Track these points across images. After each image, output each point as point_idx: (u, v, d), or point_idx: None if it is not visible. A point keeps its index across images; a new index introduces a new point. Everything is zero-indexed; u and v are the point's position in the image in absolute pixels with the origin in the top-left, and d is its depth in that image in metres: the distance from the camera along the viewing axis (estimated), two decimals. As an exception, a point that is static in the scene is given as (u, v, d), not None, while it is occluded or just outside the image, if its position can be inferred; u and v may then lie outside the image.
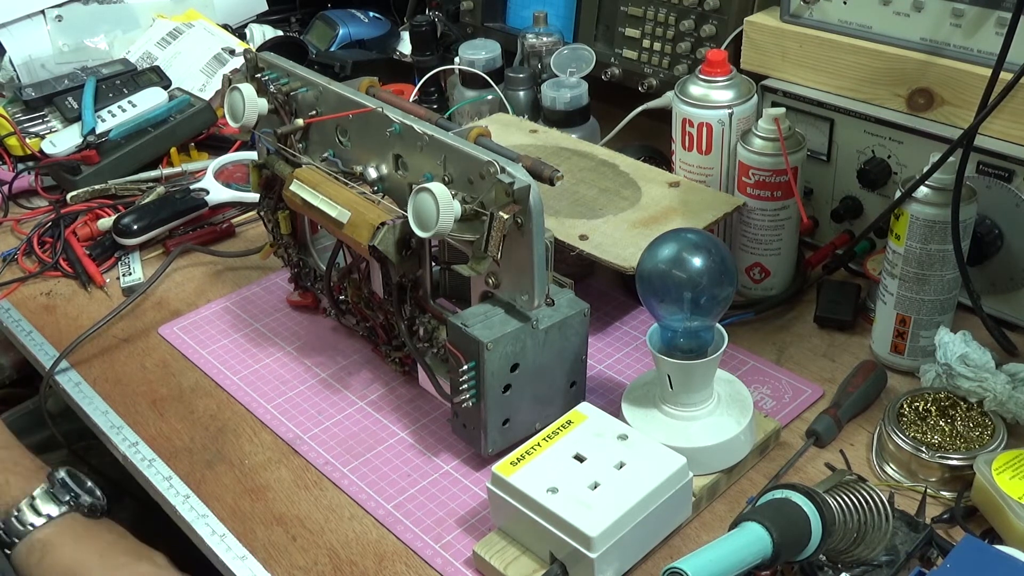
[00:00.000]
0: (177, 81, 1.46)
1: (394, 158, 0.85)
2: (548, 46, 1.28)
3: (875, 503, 0.69)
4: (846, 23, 1.01)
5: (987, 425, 0.81)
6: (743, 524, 0.66)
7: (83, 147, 1.31)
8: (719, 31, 1.16)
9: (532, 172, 0.76)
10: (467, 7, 1.44)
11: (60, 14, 1.53)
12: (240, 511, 0.84)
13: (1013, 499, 0.73)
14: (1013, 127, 0.90)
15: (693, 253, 0.77)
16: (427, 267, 0.86)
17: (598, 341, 1.00)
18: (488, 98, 1.28)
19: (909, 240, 0.87)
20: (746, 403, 0.83)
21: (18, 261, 1.20)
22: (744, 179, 1.00)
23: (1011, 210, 0.93)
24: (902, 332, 0.91)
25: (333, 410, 0.94)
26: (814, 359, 0.97)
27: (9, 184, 1.32)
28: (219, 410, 0.96)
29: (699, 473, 0.79)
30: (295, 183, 0.88)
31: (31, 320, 1.10)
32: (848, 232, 1.06)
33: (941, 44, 0.94)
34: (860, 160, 1.03)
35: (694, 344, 0.80)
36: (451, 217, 0.75)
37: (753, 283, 1.04)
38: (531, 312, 0.79)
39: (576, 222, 0.99)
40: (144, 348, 1.05)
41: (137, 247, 1.19)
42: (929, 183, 0.86)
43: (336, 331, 1.04)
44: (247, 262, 1.17)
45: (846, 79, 1.01)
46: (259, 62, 0.96)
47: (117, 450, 0.92)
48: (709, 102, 1.01)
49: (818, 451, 0.85)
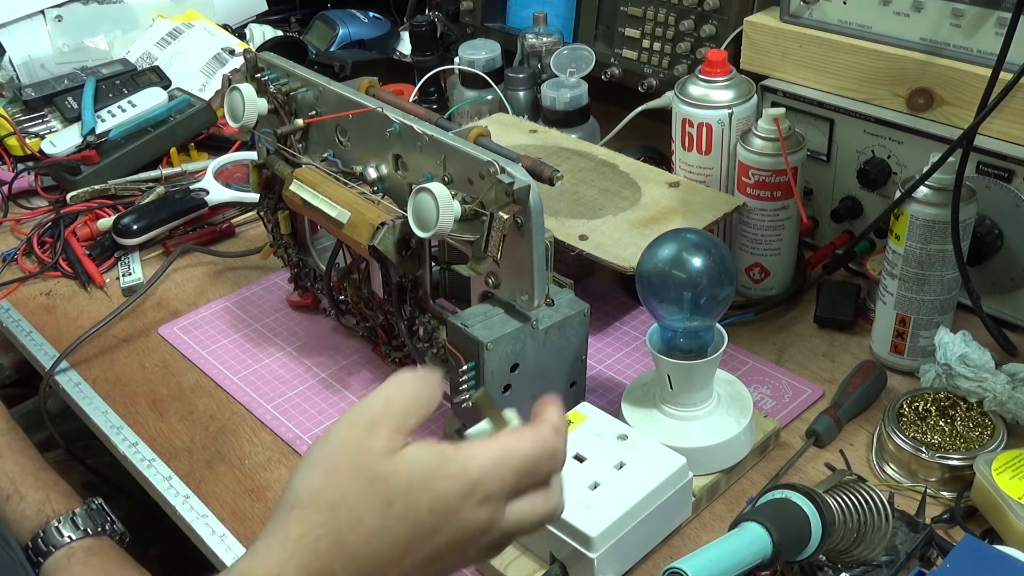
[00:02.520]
0: (177, 81, 1.46)
1: (394, 158, 0.85)
2: (548, 46, 1.28)
3: (875, 503, 0.69)
4: (846, 23, 1.01)
5: (987, 425, 0.81)
6: (743, 524, 0.66)
7: (83, 147, 1.31)
8: (719, 31, 1.16)
9: (532, 172, 0.76)
10: (467, 7, 1.44)
11: (60, 14, 1.52)
12: (240, 511, 0.84)
13: (1013, 499, 0.73)
14: (1013, 127, 0.90)
15: (693, 253, 0.77)
16: (427, 267, 0.86)
17: (598, 341, 1.00)
18: (488, 98, 1.28)
19: (909, 240, 0.87)
20: (746, 403, 0.83)
21: (18, 261, 1.20)
22: (744, 179, 1.00)
23: (1011, 210, 0.93)
24: (902, 332, 0.91)
25: (333, 410, 0.94)
26: (814, 359, 0.97)
27: (9, 184, 1.32)
28: (219, 410, 0.96)
29: (699, 473, 0.79)
30: (295, 183, 0.88)
31: (31, 320, 1.10)
32: (848, 232, 1.06)
33: (941, 44, 0.94)
34: (860, 160, 1.03)
35: (694, 344, 0.80)
36: (451, 217, 0.75)
37: (753, 283, 1.04)
38: (531, 312, 0.79)
39: (576, 222, 0.99)
40: (144, 348, 1.05)
41: (137, 247, 1.19)
42: (929, 183, 0.86)
43: (336, 331, 1.04)
44: (247, 262, 1.17)
45: (846, 79, 1.01)
46: (259, 62, 0.95)
47: (117, 450, 0.92)
48: (709, 102, 1.01)
49: (818, 451, 0.85)
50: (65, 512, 0.83)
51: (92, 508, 0.84)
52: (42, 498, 0.84)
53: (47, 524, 0.82)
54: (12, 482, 0.85)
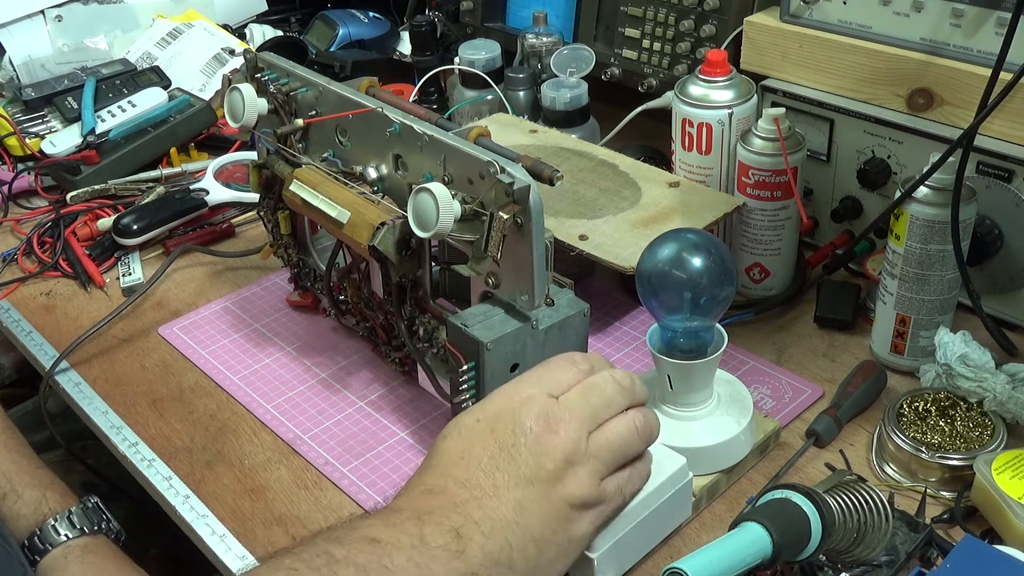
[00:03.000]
0: (177, 81, 1.46)
1: (394, 158, 0.85)
2: (548, 46, 1.28)
3: (875, 503, 0.69)
4: (846, 23, 1.01)
5: (987, 425, 0.81)
6: (743, 524, 0.66)
7: (83, 147, 1.31)
8: (719, 31, 1.16)
9: (532, 172, 0.76)
10: (467, 7, 1.44)
11: (60, 14, 1.52)
12: (240, 511, 0.84)
13: (1013, 499, 0.73)
14: (1013, 127, 0.90)
15: (693, 253, 0.77)
16: (427, 267, 0.86)
17: (598, 341, 1.00)
18: (488, 98, 1.28)
19: (909, 240, 0.87)
20: (746, 403, 0.83)
21: (18, 261, 1.20)
22: (744, 179, 1.00)
23: (1011, 210, 0.93)
24: (902, 332, 0.91)
25: (333, 410, 0.94)
26: (814, 359, 0.97)
27: (9, 184, 1.32)
28: (219, 410, 0.96)
29: (699, 473, 0.79)
30: (295, 183, 0.88)
31: (31, 320, 1.10)
32: (848, 232, 1.06)
33: (941, 44, 0.94)
34: (860, 160, 1.03)
35: (694, 344, 0.80)
36: (451, 217, 0.75)
37: (753, 283, 1.04)
38: (531, 312, 0.79)
39: (576, 222, 0.99)
40: (144, 348, 1.05)
41: (137, 247, 1.19)
42: (929, 183, 0.86)
43: (336, 331, 1.04)
44: (247, 262, 1.17)
45: (846, 79, 1.01)
46: (259, 62, 0.95)
47: (117, 450, 0.92)
48: (709, 102, 1.01)
49: (818, 451, 0.85)
50: (62, 510, 0.83)
51: (88, 507, 0.84)
52: (38, 496, 0.84)
53: (43, 522, 0.82)
54: (8, 480, 0.85)
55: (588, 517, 0.67)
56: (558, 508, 0.65)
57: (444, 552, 0.62)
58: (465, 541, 0.62)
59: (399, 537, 0.62)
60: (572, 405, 0.68)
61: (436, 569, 0.61)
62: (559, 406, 0.68)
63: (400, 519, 0.64)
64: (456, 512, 0.64)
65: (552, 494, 0.65)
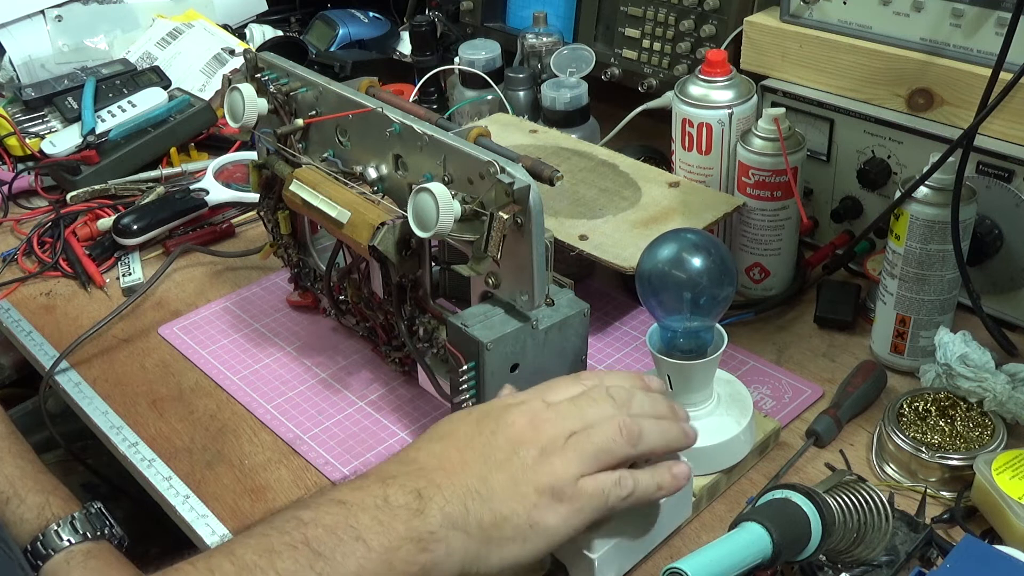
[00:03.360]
0: (177, 81, 1.46)
1: (394, 158, 0.85)
2: (548, 46, 1.28)
3: (875, 503, 0.69)
4: (846, 23, 1.01)
5: (987, 425, 0.81)
6: (743, 524, 0.66)
7: (83, 147, 1.31)
8: (719, 31, 1.16)
9: (532, 172, 0.76)
10: (467, 7, 1.44)
11: (60, 14, 1.52)
12: (240, 511, 0.84)
13: (1013, 499, 0.73)
14: (1013, 127, 0.90)
15: (693, 253, 0.77)
16: (427, 267, 0.86)
17: (598, 341, 1.00)
18: (488, 98, 1.28)
19: (909, 240, 0.87)
20: (746, 403, 0.83)
21: (18, 261, 1.20)
22: (744, 179, 1.00)
23: (1011, 210, 0.93)
24: (902, 332, 0.91)
25: (333, 410, 0.94)
26: (814, 359, 0.97)
27: (9, 184, 1.32)
28: (219, 410, 0.96)
29: (699, 473, 0.79)
30: (295, 183, 0.88)
31: (31, 320, 1.10)
32: (848, 232, 1.06)
33: (941, 44, 0.94)
34: (860, 160, 1.03)
35: (694, 344, 0.80)
36: (451, 217, 0.75)
37: (753, 283, 1.04)
38: (531, 312, 0.79)
39: (576, 222, 0.99)
40: (144, 348, 1.05)
41: (137, 247, 1.19)
42: (929, 183, 0.86)
43: (336, 331, 1.04)
44: (247, 262, 1.17)
45: (846, 79, 1.01)
46: (259, 62, 0.95)
47: (117, 450, 0.92)
48: (709, 102, 1.01)
49: (818, 451, 0.85)
50: (64, 516, 0.83)
51: (91, 512, 0.84)
52: (41, 501, 0.84)
53: (46, 527, 0.82)
54: (11, 485, 0.85)
55: (557, 510, 0.66)
56: (523, 491, 0.66)
57: (405, 511, 0.63)
58: (426, 501, 0.64)
59: (364, 499, 0.64)
60: (560, 409, 0.70)
61: (398, 527, 0.63)
62: (548, 409, 0.70)
63: (367, 483, 0.66)
64: (421, 477, 0.66)
65: (520, 477, 0.66)
